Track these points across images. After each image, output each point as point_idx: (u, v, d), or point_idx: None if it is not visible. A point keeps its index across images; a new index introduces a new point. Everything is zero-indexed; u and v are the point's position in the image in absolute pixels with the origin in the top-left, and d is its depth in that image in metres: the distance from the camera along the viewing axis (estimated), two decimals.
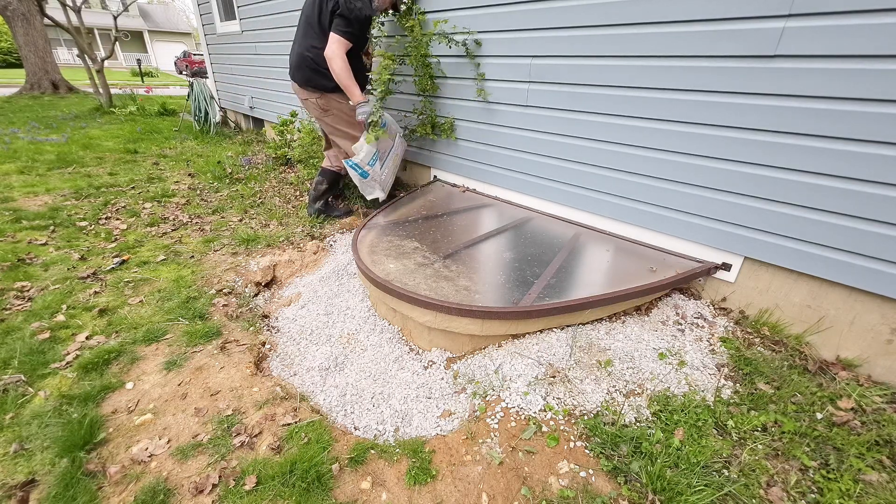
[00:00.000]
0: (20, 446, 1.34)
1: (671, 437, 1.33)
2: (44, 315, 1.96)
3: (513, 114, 2.50)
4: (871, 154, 1.43)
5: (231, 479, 1.25)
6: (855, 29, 1.37)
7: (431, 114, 2.89)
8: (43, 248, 2.59)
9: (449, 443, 1.38)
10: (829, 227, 1.57)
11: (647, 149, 1.98)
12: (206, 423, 1.45)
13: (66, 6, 7.79)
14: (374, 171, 2.63)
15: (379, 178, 2.68)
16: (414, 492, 1.24)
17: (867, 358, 1.60)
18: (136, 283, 2.25)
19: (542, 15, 2.17)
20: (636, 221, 2.14)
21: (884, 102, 1.37)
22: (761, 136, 1.64)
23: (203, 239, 2.77)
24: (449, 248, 2.11)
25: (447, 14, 2.60)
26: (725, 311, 1.94)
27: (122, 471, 1.28)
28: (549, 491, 1.22)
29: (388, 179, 2.77)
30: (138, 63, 17.72)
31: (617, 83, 1.99)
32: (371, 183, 2.69)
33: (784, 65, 1.53)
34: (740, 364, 1.63)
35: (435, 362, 1.79)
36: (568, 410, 1.45)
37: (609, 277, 1.89)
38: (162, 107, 7.88)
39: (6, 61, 24.95)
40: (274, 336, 1.99)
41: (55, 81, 10.33)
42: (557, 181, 2.41)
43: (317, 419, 1.48)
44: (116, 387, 1.59)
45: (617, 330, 1.80)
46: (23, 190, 3.51)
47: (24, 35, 9.35)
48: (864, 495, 1.17)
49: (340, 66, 2.36)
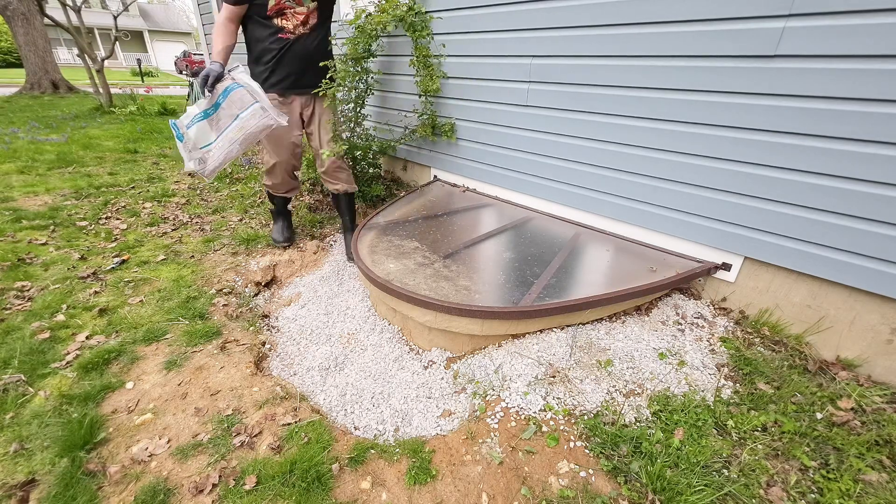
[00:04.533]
0: (20, 446, 1.34)
1: (671, 437, 1.33)
2: (44, 315, 1.96)
3: (513, 114, 2.50)
4: (871, 154, 1.43)
5: (231, 479, 1.25)
6: (855, 29, 1.37)
7: (432, 114, 2.88)
8: (43, 247, 2.59)
9: (449, 443, 1.38)
10: (829, 227, 1.57)
11: (647, 149, 1.98)
12: (206, 423, 1.45)
13: (66, 6, 7.78)
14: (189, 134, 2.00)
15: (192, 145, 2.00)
16: (414, 491, 1.24)
17: (867, 358, 1.60)
18: (136, 282, 2.25)
19: (542, 15, 2.17)
20: (636, 221, 2.14)
21: (884, 102, 1.37)
22: (761, 136, 1.64)
23: (203, 239, 2.77)
24: (449, 247, 2.11)
25: (448, 14, 2.60)
26: (725, 311, 1.94)
27: (122, 470, 1.28)
28: (549, 491, 1.22)
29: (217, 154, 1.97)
30: (138, 63, 17.72)
31: (617, 83, 1.99)
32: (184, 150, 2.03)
33: (784, 65, 1.53)
34: (740, 364, 1.63)
35: (435, 362, 1.79)
36: (568, 410, 1.45)
37: (609, 277, 1.89)
38: (162, 106, 7.88)
39: (6, 61, 24.95)
40: (274, 336, 1.99)
41: (55, 81, 10.32)
42: (557, 181, 2.41)
43: (317, 419, 1.48)
44: (116, 386, 1.59)
45: (617, 330, 1.80)
46: (23, 190, 3.51)
47: (24, 35, 9.34)
48: (864, 495, 1.17)
49: (213, 34, 2.12)
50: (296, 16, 2.14)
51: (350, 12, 2.65)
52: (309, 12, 2.17)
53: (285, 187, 2.57)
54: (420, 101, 2.88)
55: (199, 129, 1.99)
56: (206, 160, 1.98)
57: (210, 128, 1.98)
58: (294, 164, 2.48)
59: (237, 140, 1.95)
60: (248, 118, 1.93)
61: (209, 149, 1.98)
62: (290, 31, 2.16)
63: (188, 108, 2.01)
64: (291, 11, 2.12)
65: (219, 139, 1.96)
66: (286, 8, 2.11)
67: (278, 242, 2.64)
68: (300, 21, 2.16)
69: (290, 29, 2.15)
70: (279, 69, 2.21)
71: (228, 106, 1.95)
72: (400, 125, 3.17)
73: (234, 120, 1.94)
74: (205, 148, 1.99)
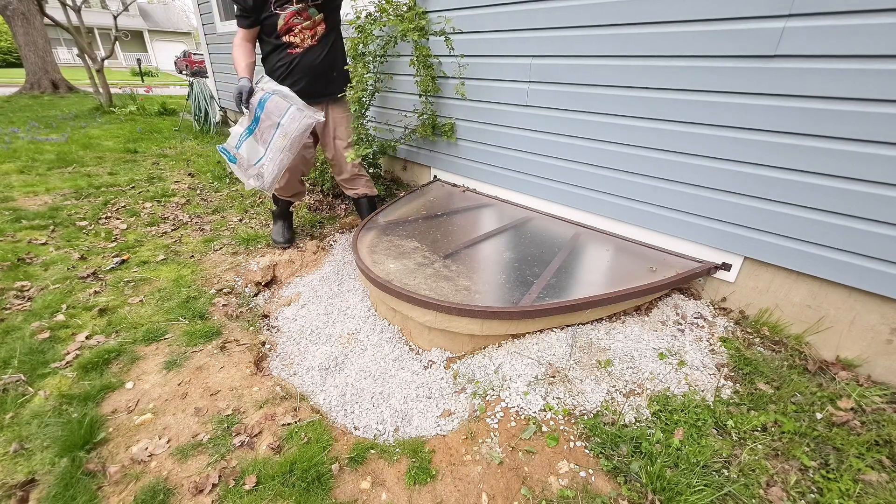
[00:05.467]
0: (20, 446, 1.34)
1: (671, 437, 1.33)
2: (44, 315, 1.96)
3: (513, 114, 2.50)
4: (871, 154, 1.43)
5: (231, 479, 1.25)
6: (855, 29, 1.37)
7: (432, 115, 2.88)
8: (43, 247, 2.59)
9: (449, 443, 1.38)
10: (829, 227, 1.57)
11: (647, 149, 1.98)
12: (205, 423, 1.45)
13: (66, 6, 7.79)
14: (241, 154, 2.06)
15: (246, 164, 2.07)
16: (414, 491, 1.24)
17: (867, 358, 1.60)
18: (136, 282, 2.25)
19: (542, 15, 2.17)
20: (636, 221, 2.14)
21: (884, 102, 1.37)
22: (761, 136, 1.64)
23: (203, 238, 2.77)
24: (449, 247, 2.11)
25: (448, 14, 2.60)
26: (725, 311, 1.94)
27: (121, 470, 1.28)
28: (548, 491, 1.22)
29: (271, 167, 2.02)
30: (138, 63, 17.74)
31: (617, 83, 1.99)
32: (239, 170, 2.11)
33: (784, 65, 1.53)
34: (740, 364, 1.63)
35: (435, 362, 1.79)
36: (568, 410, 1.45)
37: (609, 277, 1.89)
38: (162, 106, 7.88)
39: (6, 61, 24.95)
40: (274, 336, 1.99)
41: (55, 81, 10.33)
42: (557, 181, 2.41)
43: (317, 419, 1.48)
44: (116, 386, 1.59)
45: (617, 330, 1.80)
46: (23, 189, 3.51)
47: (24, 34, 9.34)
48: (863, 495, 1.17)
49: (233, 55, 2.19)
50: (303, 31, 2.19)
51: (350, 12, 2.65)
52: (316, 24, 2.21)
53: (292, 191, 2.59)
54: (420, 101, 2.88)
55: (248, 147, 2.05)
56: (263, 174, 2.04)
57: (257, 142, 2.04)
58: (303, 169, 2.53)
59: (285, 147, 2.00)
60: (288, 123, 1.98)
61: (262, 163, 2.03)
62: (299, 46, 2.21)
63: (231, 130, 2.08)
64: (300, 27, 2.17)
65: (268, 151, 2.02)
66: (294, 25, 2.16)
67: (278, 243, 2.65)
68: (308, 35, 2.21)
69: (298, 43, 2.20)
70: (288, 82, 2.23)
71: (267, 116, 1.98)
72: (400, 125, 3.16)
73: (276, 129, 1.99)
74: (258, 163, 2.04)
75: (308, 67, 2.26)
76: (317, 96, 2.32)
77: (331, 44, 2.30)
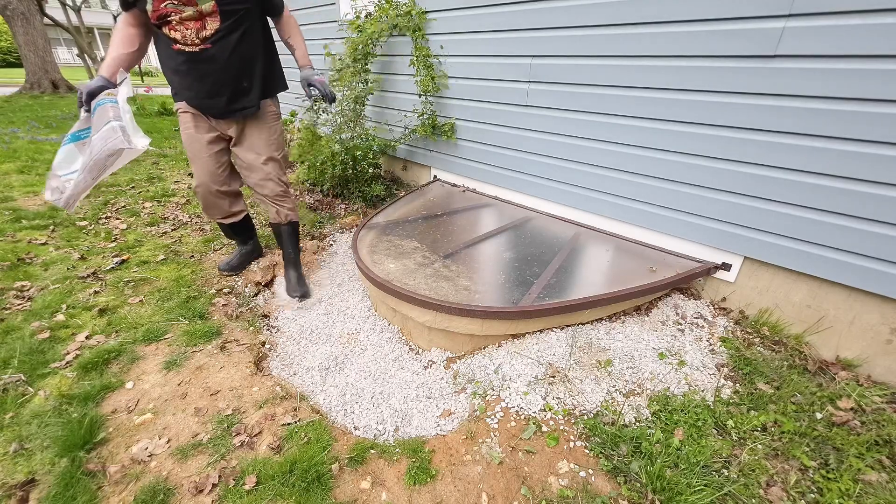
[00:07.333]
0: (20, 446, 1.34)
1: (671, 437, 1.33)
2: (44, 315, 1.95)
3: (513, 113, 2.50)
4: (871, 154, 1.43)
5: (231, 479, 1.25)
6: (855, 29, 1.37)
7: (432, 114, 2.88)
8: (43, 247, 2.59)
9: (449, 442, 1.38)
10: (829, 227, 1.57)
11: (647, 149, 1.98)
12: (205, 423, 1.45)
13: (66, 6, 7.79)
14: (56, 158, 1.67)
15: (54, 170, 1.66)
16: (414, 491, 1.24)
17: (867, 358, 1.60)
18: (136, 282, 2.25)
19: (542, 15, 2.17)
20: (636, 221, 2.14)
21: (884, 102, 1.37)
22: (761, 136, 1.64)
23: (203, 239, 2.77)
24: (449, 247, 2.11)
25: (448, 13, 2.60)
26: (725, 311, 1.94)
27: (121, 470, 1.28)
28: (548, 491, 1.22)
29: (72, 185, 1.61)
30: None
31: (617, 83, 1.99)
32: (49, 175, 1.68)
33: (784, 65, 1.53)
34: (740, 364, 1.63)
35: (435, 362, 1.79)
36: (568, 410, 1.45)
37: (609, 277, 1.89)
38: (162, 106, 7.88)
39: (6, 61, 24.94)
40: (274, 336, 1.99)
41: (55, 81, 10.32)
42: (557, 181, 2.41)
43: (317, 419, 1.48)
44: (116, 386, 1.59)
45: (617, 330, 1.80)
46: (23, 189, 3.51)
47: (23, 34, 9.34)
48: (863, 495, 1.17)
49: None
50: (184, 25, 1.62)
51: (350, 12, 2.65)
52: (204, 17, 1.62)
53: (215, 212, 2.12)
54: (420, 101, 2.88)
55: (66, 153, 1.66)
56: (64, 190, 1.62)
57: (79, 152, 1.65)
58: (216, 188, 2.02)
59: (87, 167, 1.57)
60: (97, 141, 1.55)
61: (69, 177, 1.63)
62: (182, 44, 1.66)
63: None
64: (177, 17, 1.61)
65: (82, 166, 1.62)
66: (168, 13, 1.60)
67: (220, 269, 2.31)
68: (194, 30, 1.64)
69: (180, 41, 1.65)
70: (183, 87, 1.80)
71: (95, 126, 1.59)
72: (400, 125, 3.17)
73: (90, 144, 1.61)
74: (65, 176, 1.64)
75: (202, 76, 1.73)
76: (224, 115, 1.84)
77: (237, 48, 1.72)
